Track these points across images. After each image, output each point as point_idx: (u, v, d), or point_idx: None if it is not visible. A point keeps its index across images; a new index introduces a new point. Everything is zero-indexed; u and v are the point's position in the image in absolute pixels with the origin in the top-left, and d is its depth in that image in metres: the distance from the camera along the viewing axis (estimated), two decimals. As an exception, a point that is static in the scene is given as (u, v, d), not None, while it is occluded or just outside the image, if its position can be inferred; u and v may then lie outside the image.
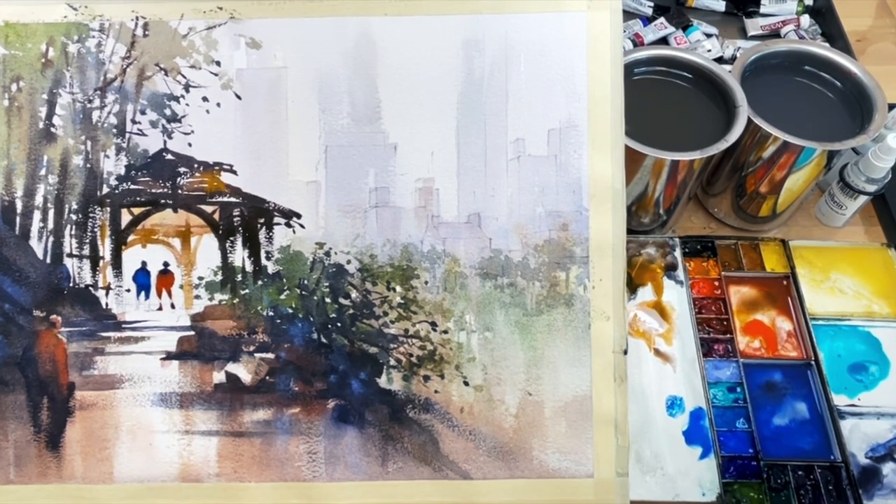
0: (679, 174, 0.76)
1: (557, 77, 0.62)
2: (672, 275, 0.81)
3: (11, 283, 0.61)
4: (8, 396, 0.61)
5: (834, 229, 0.88)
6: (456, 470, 0.61)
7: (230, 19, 0.62)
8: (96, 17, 0.62)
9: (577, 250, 0.62)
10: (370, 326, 0.62)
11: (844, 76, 0.80)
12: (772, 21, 1.07)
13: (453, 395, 0.62)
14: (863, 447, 0.70)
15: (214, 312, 0.62)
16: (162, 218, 0.62)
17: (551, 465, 0.61)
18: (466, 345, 0.62)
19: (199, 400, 0.62)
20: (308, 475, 0.61)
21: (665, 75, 0.81)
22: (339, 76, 0.63)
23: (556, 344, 0.62)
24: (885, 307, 0.80)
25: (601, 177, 0.62)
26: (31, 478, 0.61)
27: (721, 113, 0.77)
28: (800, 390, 0.74)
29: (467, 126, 0.63)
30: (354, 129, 0.63)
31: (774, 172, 0.78)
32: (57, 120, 0.62)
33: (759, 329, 0.79)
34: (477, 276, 0.62)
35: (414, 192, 0.63)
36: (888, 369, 0.75)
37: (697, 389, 0.73)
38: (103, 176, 0.62)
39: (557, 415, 0.61)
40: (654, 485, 0.68)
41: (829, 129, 0.77)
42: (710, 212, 0.89)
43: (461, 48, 0.63)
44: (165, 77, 0.62)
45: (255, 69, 0.62)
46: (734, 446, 0.70)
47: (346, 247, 0.62)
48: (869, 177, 0.80)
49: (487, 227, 0.63)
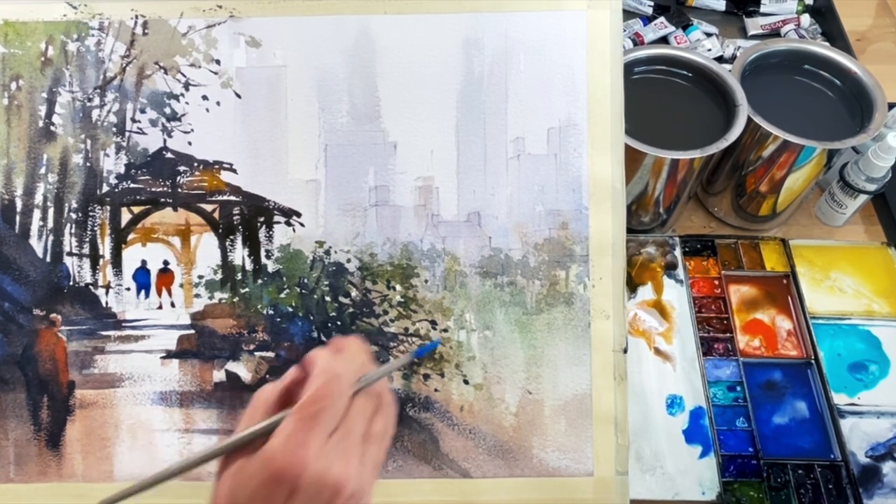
0: (679, 173, 0.76)
1: (557, 76, 0.62)
2: (672, 274, 0.81)
3: (11, 281, 0.61)
4: (8, 395, 0.61)
5: (834, 228, 0.88)
6: (456, 468, 0.61)
7: (230, 18, 0.62)
8: (96, 16, 0.62)
9: (576, 249, 0.62)
10: (370, 325, 0.62)
11: (844, 75, 0.80)
12: (772, 20, 1.07)
13: (453, 394, 0.62)
14: (863, 446, 0.70)
15: (214, 311, 0.62)
16: (162, 216, 0.62)
17: (551, 463, 0.61)
18: (466, 343, 0.62)
19: (200, 398, 0.62)
20: (308, 474, 0.61)
21: (665, 74, 0.81)
22: (338, 75, 0.63)
23: (556, 342, 0.62)
24: (885, 306, 0.80)
25: (601, 175, 0.62)
26: (31, 476, 0.61)
27: (721, 112, 0.77)
28: (800, 389, 0.74)
29: (467, 125, 0.63)
30: (354, 128, 0.63)
31: (774, 171, 0.78)
32: (56, 118, 0.62)
33: (759, 328, 0.78)
34: (477, 274, 0.62)
35: (414, 190, 0.63)
36: (888, 368, 0.75)
37: (697, 388, 0.73)
38: (103, 174, 0.62)
39: (557, 413, 0.61)
40: (653, 484, 0.68)
41: (829, 128, 0.77)
42: (710, 211, 0.89)
43: (461, 47, 0.63)
44: (165, 75, 0.62)
45: (254, 68, 0.62)
46: (734, 445, 0.70)
47: (345, 245, 0.62)
48: (869, 176, 0.80)
49: (487, 226, 0.63)
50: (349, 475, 0.37)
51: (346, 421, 0.38)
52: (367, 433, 0.40)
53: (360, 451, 0.38)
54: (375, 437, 0.40)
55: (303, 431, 0.37)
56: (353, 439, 0.38)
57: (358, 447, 0.38)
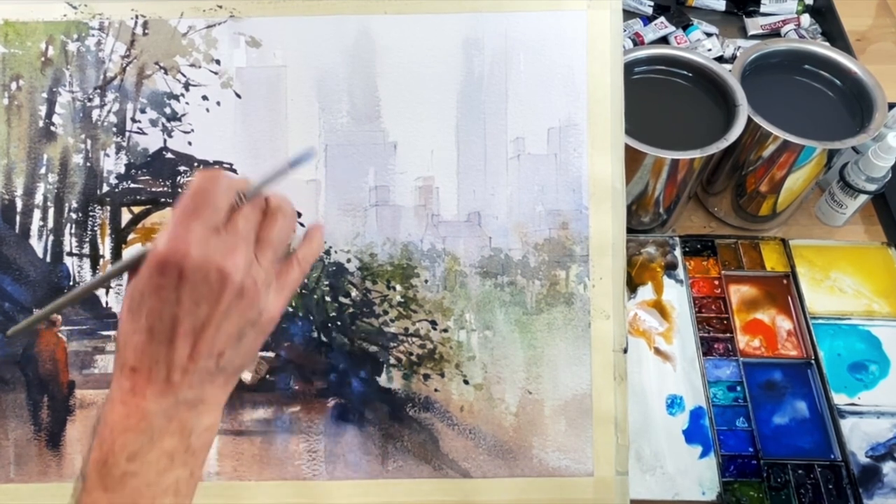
0: (679, 173, 0.76)
1: (557, 76, 0.62)
2: (672, 274, 0.81)
3: (11, 281, 0.61)
4: (8, 395, 0.61)
5: (834, 228, 0.88)
6: (456, 468, 0.61)
7: (230, 18, 0.62)
8: (96, 16, 0.62)
9: (576, 249, 0.62)
10: (370, 325, 0.62)
11: (844, 75, 0.80)
12: (772, 20, 1.07)
13: (453, 394, 0.62)
14: (863, 446, 0.70)
15: (214, 311, 0.62)
16: (162, 216, 0.62)
17: (551, 463, 0.61)
18: (466, 343, 0.62)
19: (199, 398, 0.62)
20: (308, 473, 0.61)
21: (665, 74, 0.81)
22: (338, 75, 0.63)
23: (556, 342, 0.62)
24: (885, 306, 0.80)
25: (601, 175, 0.62)
26: (31, 476, 0.61)
27: (721, 112, 0.77)
28: (800, 389, 0.74)
29: (467, 124, 0.63)
30: (354, 128, 0.63)
31: (774, 171, 0.78)
32: (57, 118, 0.62)
33: (759, 328, 0.78)
34: (477, 274, 0.62)
35: (414, 190, 0.63)
36: (888, 368, 0.75)
37: (697, 388, 0.73)
38: (103, 174, 0.62)
39: (557, 413, 0.61)
40: (653, 484, 0.68)
41: (829, 128, 0.77)
42: (710, 211, 0.89)
43: (461, 47, 0.63)
44: (165, 76, 0.62)
45: (254, 68, 0.62)
46: (734, 445, 0.70)
47: (345, 245, 0.62)
48: (869, 176, 0.80)
49: (487, 226, 0.63)
50: (235, 265, 0.39)
51: (231, 224, 0.40)
52: (260, 238, 0.41)
53: (246, 250, 0.40)
54: (269, 242, 0.41)
55: (182, 225, 0.38)
56: (238, 237, 0.39)
57: (244, 245, 0.40)
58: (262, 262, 0.41)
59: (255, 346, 0.42)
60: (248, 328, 0.40)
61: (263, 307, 0.41)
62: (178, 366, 0.39)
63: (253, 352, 0.42)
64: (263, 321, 0.41)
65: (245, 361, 0.42)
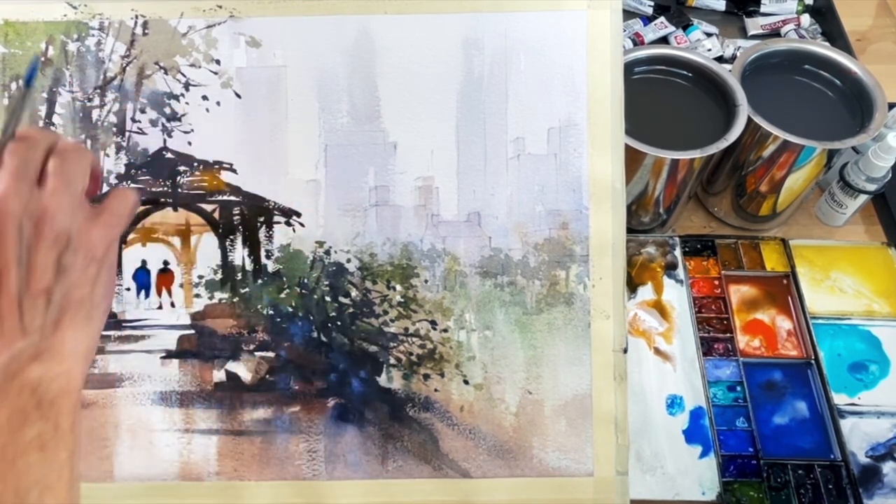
0: (679, 173, 0.76)
1: (557, 76, 0.62)
2: (672, 274, 0.81)
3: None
4: (8, 395, 0.61)
5: (834, 228, 0.88)
6: (456, 468, 0.61)
7: (230, 18, 0.62)
8: (96, 16, 0.62)
9: (576, 249, 0.62)
10: (370, 325, 0.62)
11: (844, 75, 0.80)
12: (772, 20, 1.07)
13: (453, 394, 0.62)
14: (863, 446, 0.70)
15: (214, 311, 0.62)
16: (162, 216, 0.62)
17: (551, 463, 0.61)
18: (466, 343, 0.62)
19: (200, 398, 0.62)
20: (308, 473, 0.61)
21: (665, 74, 0.81)
22: (338, 75, 0.63)
23: (556, 342, 0.62)
24: (886, 306, 0.80)
25: (601, 176, 0.62)
26: (30, 476, 0.61)
27: (721, 112, 0.77)
28: (800, 389, 0.74)
29: (467, 125, 0.63)
30: (354, 128, 0.63)
31: (774, 171, 0.78)
32: (57, 118, 0.62)
33: (759, 328, 0.79)
34: (477, 274, 0.62)
35: (414, 190, 0.63)
36: (888, 368, 0.75)
37: (697, 388, 0.73)
38: (103, 175, 0.62)
39: (557, 413, 0.61)
40: (654, 484, 0.68)
41: (829, 128, 0.77)
42: (710, 211, 0.89)
43: (461, 47, 0.63)
44: (165, 76, 0.62)
45: (254, 68, 0.62)
46: (734, 445, 0.70)
47: (345, 245, 0.62)
48: (869, 176, 0.80)
49: (487, 226, 0.63)
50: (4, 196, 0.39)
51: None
52: (47, 172, 0.41)
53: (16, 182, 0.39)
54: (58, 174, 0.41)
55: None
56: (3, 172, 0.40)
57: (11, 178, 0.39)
58: (52, 192, 0.40)
59: (90, 275, 0.41)
60: (68, 256, 0.40)
61: (74, 233, 0.40)
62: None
63: (92, 281, 0.41)
64: (86, 249, 0.41)
65: (85, 293, 0.41)
